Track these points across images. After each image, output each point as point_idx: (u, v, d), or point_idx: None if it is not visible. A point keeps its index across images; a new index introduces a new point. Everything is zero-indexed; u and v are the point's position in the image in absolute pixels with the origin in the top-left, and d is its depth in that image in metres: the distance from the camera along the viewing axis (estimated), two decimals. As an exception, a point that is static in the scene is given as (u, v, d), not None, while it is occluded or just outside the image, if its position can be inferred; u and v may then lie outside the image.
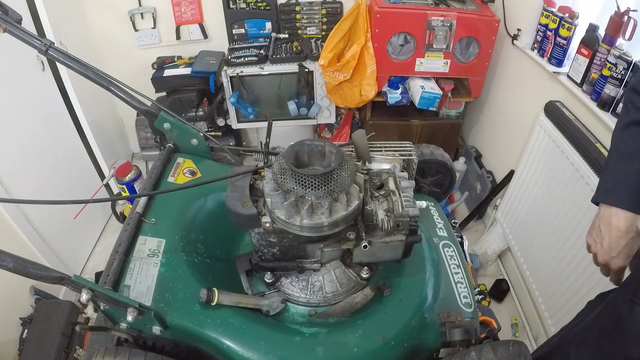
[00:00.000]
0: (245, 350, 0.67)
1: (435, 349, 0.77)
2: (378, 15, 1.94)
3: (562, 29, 1.63)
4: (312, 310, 0.81)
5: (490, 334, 0.77)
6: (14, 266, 0.56)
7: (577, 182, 1.43)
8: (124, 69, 2.46)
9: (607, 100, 1.39)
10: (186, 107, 2.34)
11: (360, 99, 2.16)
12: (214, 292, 0.69)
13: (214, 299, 0.69)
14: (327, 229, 0.69)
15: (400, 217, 0.71)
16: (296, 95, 2.33)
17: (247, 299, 0.70)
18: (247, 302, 0.70)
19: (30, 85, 1.84)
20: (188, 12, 2.36)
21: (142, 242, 0.80)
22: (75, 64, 0.94)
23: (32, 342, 1.53)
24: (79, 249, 2.15)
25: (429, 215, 1.03)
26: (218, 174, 0.93)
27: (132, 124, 2.61)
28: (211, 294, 0.69)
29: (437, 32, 1.94)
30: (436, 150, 1.12)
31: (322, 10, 2.33)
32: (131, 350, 0.66)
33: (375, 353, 0.71)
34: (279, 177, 0.68)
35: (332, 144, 0.72)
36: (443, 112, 2.31)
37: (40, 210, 1.76)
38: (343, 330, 0.74)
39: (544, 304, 1.65)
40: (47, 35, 1.89)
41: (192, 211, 0.90)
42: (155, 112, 1.00)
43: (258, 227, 0.73)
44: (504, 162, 2.10)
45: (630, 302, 0.69)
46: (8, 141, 1.67)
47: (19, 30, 0.89)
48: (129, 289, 0.72)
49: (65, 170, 2.05)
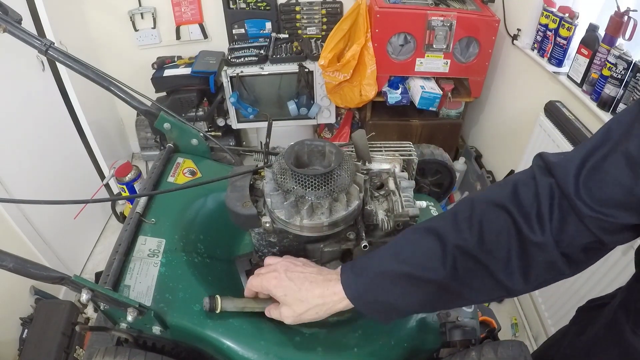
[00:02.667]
0: (245, 350, 0.67)
1: (435, 349, 0.77)
2: (378, 15, 1.94)
3: (562, 29, 1.63)
4: (312, 310, 0.81)
5: (490, 334, 0.77)
6: (14, 266, 0.56)
7: (577, 182, 1.43)
8: (124, 69, 2.46)
9: (607, 100, 1.39)
10: (186, 107, 2.34)
11: (360, 99, 2.16)
12: (217, 299, 0.67)
13: (217, 306, 0.67)
14: (327, 229, 0.68)
15: (400, 217, 0.71)
16: (296, 95, 2.33)
17: (252, 303, 0.70)
18: (253, 307, 0.69)
19: (30, 86, 1.84)
20: (188, 12, 2.36)
21: (142, 242, 0.80)
22: (75, 64, 0.94)
23: (32, 342, 1.53)
24: (79, 249, 2.15)
25: (429, 215, 1.03)
26: (218, 174, 0.93)
27: (132, 124, 2.61)
28: (214, 302, 0.67)
29: (437, 32, 1.94)
30: (436, 150, 1.12)
31: (322, 10, 2.33)
32: (131, 350, 0.66)
33: (375, 353, 0.71)
34: (279, 177, 0.68)
35: (332, 144, 0.72)
36: (443, 112, 2.31)
37: (40, 210, 1.76)
38: (343, 330, 0.74)
39: (544, 304, 1.65)
40: (47, 35, 1.89)
41: (192, 211, 0.90)
42: (155, 112, 1.00)
43: (258, 227, 0.72)
44: (504, 162, 2.10)
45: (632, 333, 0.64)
46: (8, 141, 1.67)
47: (19, 30, 0.88)
48: (129, 289, 0.72)
49: (65, 170, 2.05)
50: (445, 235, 0.54)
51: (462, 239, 0.53)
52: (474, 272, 0.53)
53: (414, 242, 0.57)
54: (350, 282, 0.59)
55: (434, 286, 0.55)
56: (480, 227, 0.52)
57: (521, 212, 0.50)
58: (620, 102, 1.35)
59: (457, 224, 0.54)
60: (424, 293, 0.56)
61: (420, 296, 0.56)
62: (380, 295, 0.57)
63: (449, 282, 0.54)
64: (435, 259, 0.54)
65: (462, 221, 0.54)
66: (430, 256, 0.54)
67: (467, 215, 0.54)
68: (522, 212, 0.50)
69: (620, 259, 1.24)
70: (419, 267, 0.55)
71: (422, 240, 0.56)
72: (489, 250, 0.52)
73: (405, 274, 0.55)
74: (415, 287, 0.56)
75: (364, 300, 0.59)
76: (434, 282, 0.54)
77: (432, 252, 0.54)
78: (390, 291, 0.57)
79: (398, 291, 0.56)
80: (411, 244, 0.57)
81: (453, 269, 0.53)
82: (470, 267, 0.53)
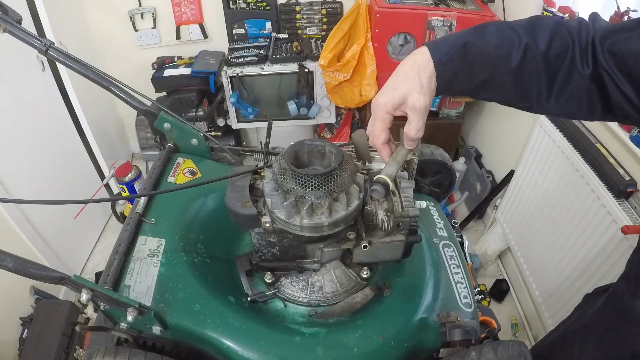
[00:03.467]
0: (245, 350, 0.67)
1: (435, 349, 0.77)
2: (378, 15, 1.94)
3: (562, 29, 1.63)
4: (312, 310, 0.81)
5: (490, 334, 0.77)
6: (14, 266, 0.56)
7: (577, 182, 1.43)
8: (124, 69, 2.46)
9: (607, 100, 1.39)
10: (186, 107, 2.34)
11: (360, 99, 2.16)
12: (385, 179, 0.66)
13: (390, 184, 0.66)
14: (327, 229, 0.69)
15: (400, 217, 0.71)
16: (296, 95, 2.33)
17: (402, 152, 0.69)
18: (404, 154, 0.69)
19: (30, 86, 1.84)
20: (188, 12, 2.36)
21: (142, 242, 0.80)
22: (75, 64, 0.94)
23: (32, 342, 1.53)
24: (79, 249, 2.16)
25: (429, 215, 1.03)
26: (218, 174, 0.93)
27: (132, 124, 2.61)
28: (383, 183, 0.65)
29: (437, 32, 1.94)
30: (436, 150, 1.12)
31: (322, 10, 2.33)
32: (131, 350, 0.66)
33: (375, 353, 0.71)
34: (279, 177, 0.68)
35: (332, 144, 0.72)
36: (443, 112, 2.31)
37: (40, 210, 1.76)
38: (343, 330, 0.74)
39: (544, 304, 1.65)
40: (47, 35, 1.89)
41: (192, 211, 0.90)
42: (155, 112, 1.00)
43: (258, 227, 0.72)
44: (504, 162, 2.10)
45: (631, 296, 0.68)
46: (8, 141, 1.67)
47: (19, 30, 0.88)
48: (129, 289, 0.72)
49: (66, 170, 2.05)
50: (523, 35, 0.62)
51: (535, 44, 0.61)
52: (531, 74, 0.62)
53: (497, 30, 0.64)
54: (435, 46, 0.63)
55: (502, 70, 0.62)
56: (550, 41, 0.61)
57: (579, 45, 0.61)
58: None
59: (534, 31, 0.62)
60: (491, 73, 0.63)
61: (486, 75, 0.63)
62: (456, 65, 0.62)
63: (513, 73, 0.62)
64: (513, 48, 0.61)
65: (539, 29, 0.62)
66: (508, 45, 0.62)
67: (545, 26, 0.63)
68: (579, 46, 0.61)
69: (621, 259, 1.24)
70: (496, 50, 0.61)
71: (504, 31, 0.63)
72: (549, 63, 0.62)
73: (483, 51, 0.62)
74: (486, 65, 0.62)
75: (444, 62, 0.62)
76: (503, 68, 0.62)
77: (511, 43, 0.62)
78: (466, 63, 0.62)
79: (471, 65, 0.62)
80: (495, 31, 0.64)
81: (521, 62, 0.61)
82: (531, 68, 0.62)
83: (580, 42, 0.62)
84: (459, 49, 0.62)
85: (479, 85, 0.65)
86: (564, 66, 0.62)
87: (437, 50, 0.62)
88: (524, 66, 0.62)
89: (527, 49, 0.61)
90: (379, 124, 0.66)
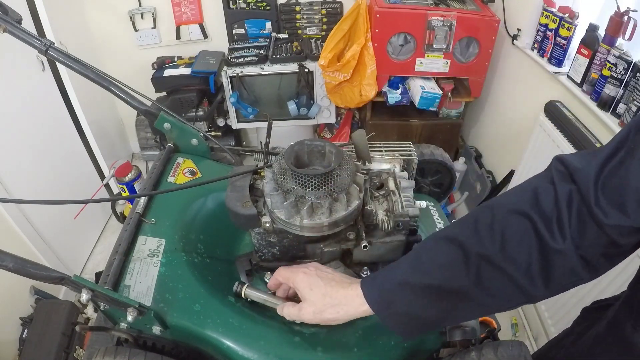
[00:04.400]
0: (245, 350, 0.67)
1: (435, 349, 0.77)
2: (378, 15, 1.94)
3: (562, 29, 1.63)
4: (312, 310, 0.81)
5: (490, 334, 0.77)
6: (14, 266, 0.56)
7: (577, 182, 1.43)
8: (124, 69, 2.46)
9: (607, 100, 1.39)
10: (186, 107, 2.34)
11: (360, 99, 2.16)
12: (244, 287, 0.73)
13: (242, 292, 0.72)
14: (327, 229, 0.69)
15: (400, 217, 0.71)
16: (296, 95, 2.33)
17: (274, 299, 0.71)
18: (274, 303, 0.71)
19: (30, 86, 1.84)
20: (188, 12, 2.36)
21: (142, 242, 0.80)
22: (75, 64, 0.94)
23: (32, 342, 1.53)
24: (79, 249, 2.16)
25: (429, 215, 1.03)
26: (218, 174, 0.93)
27: (132, 124, 2.61)
28: (241, 287, 0.73)
29: (437, 32, 1.94)
30: (436, 150, 1.12)
31: (322, 10, 2.33)
32: (131, 350, 0.66)
33: (375, 353, 0.71)
34: (279, 177, 0.68)
35: (332, 144, 0.72)
36: (443, 112, 2.31)
37: (40, 210, 1.76)
38: (343, 330, 0.74)
39: (544, 304, 1.65)
40: (47, 35, 1.89)
41: (192, 211, 0.90)
42: (155, 112, 1.00)
43: (258, 227, 0.72)
44: (504, 162, 2.10)
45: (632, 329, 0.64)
46: (8, 141, 1.67)
47: (19, 30, 0.88)
48: (129, 289, 0.72)
49: (65, 170, 2.05)
50: (467, 244, 0.54)
51: (485, 247, 0.53)
52: (496, 279, 0.53)
53: (435, 252, 0.57)
54: (372, 289, 0.59)
55: (457, 296, 0.54)
56: (502, 234, 0.52)
57: (542, 218, 0.51)
58: (620, 102, 1.35)
59: (479, 231, 0.54)
60: (447, 303, 0.55)
61: (442, 306, 0.56)
62: (401, 307, 0.57)
63: (472, 291, 0.53)
64: (459, 269, 0.53)
65: (484, 229, 0.54)
66: (453, 266, 0.54)
67: (489, 222, 0.54)
68: (543, 219, 0.51)
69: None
70: (441, 278, 0.54)
71: (444, 249, 0.56)
72: (512, 257, 0.52)
73: (427, 285, 0.55)
74: (437, 297, 0.55)
75: (384, 310, 0.58)
76: (457, 291, 0.54)
77: (455, 262, 0.54)
78: (411, 302, 0.56)
79: (420, 302, 0.56)
80: (432, 254, 0.57)
81: (477, 277, 0.53)
82: (493, 275, 0.52)
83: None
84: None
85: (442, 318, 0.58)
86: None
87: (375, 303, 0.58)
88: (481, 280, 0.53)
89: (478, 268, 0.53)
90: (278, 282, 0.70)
